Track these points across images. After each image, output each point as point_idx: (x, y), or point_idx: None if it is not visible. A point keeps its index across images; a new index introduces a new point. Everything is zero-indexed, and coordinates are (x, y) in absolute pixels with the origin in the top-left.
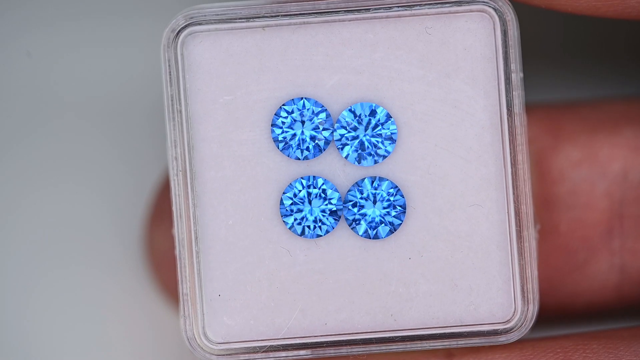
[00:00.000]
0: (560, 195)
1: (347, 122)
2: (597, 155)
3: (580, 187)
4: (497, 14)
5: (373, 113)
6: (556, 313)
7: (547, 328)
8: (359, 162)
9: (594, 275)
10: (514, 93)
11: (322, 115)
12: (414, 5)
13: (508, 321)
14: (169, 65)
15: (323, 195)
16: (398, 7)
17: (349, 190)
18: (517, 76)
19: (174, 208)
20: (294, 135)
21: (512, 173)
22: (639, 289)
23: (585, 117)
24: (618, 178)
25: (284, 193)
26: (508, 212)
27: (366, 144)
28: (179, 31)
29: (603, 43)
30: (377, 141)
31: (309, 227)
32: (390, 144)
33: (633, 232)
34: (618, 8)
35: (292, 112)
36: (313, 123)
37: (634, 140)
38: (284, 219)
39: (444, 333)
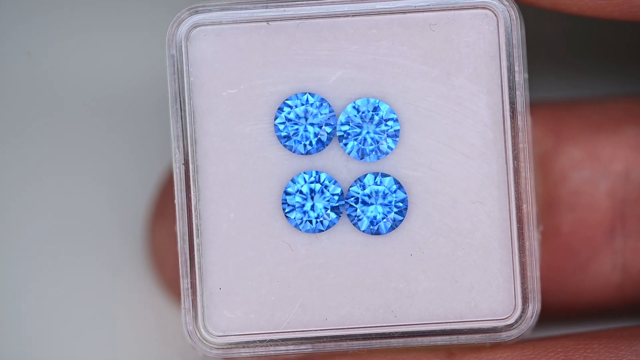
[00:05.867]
0: (562, 195)
1: (350, 117)
2: (599, 155)
3: (583, 187)
4: (501, 11)
5: (376, 109)
6: (559, 312)
7: (550, 327)
8: (362, 158)
9: (596, 274)
10: (517, 91)
11: (325, 111)
12: (418, 2)
13: (508, 318)
14: (173, 60)
15: (325, 190)
16: (402, 3)
17: (351, 186)
18: (520, 75)
19: (176, 201)
20: (297, 130)
21: (514, 171)
22: None
23: (587, 116)
24: (620, 178)
25: (286, 187)
26: (510, 210)
27: (369, 139)
28: (183, 25)
29: (605, 42)
30: (380, 137)
31: (310, 221)
32: (392, 140)
33: (635, 232)
34: (624, 8)
35: (296, 107)
36: (316, 118)
37: (636, 140)
38: (286, 214)
39: (444, 329)
